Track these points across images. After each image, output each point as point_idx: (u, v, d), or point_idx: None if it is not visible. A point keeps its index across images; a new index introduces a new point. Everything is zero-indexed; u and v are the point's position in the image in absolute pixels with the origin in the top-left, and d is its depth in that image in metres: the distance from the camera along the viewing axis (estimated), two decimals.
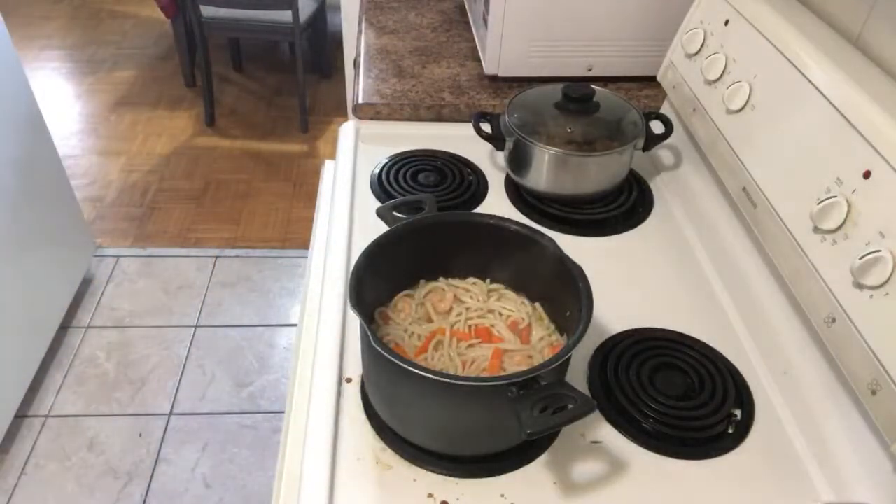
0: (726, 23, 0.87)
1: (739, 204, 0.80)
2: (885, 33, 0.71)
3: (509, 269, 0.75)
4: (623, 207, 0.96)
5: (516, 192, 0.99)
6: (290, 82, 3.30)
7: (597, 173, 0.94)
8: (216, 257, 2.31)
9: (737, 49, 0.84)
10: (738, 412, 0.70)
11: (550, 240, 0.70)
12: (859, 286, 0.59)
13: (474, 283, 0.76)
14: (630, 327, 0.79)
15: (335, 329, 0.76)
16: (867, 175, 0.60)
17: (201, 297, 2.16)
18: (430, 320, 0.72)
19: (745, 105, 0.80)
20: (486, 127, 0.99)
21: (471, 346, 0.69)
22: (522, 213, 0.96)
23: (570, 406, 0.55)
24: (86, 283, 2.15)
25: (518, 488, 0.63)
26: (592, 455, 0.66)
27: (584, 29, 1.12)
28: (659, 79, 1.04)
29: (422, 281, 0.76)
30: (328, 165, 1.16)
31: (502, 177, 1.02)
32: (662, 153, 1.06)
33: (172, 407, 1.83)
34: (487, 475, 0.64)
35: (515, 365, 0.68)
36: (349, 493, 0.62)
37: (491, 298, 0.75)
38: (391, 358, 0.57)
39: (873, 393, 0.57)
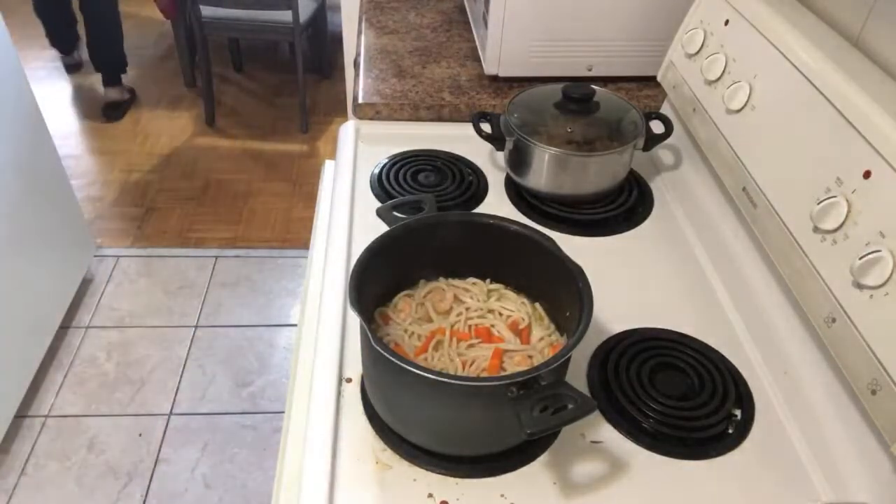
0: (726, 23, 0.87)
1: (739, 204, 0.80)
2: (885, 33, 0.71)
3: (509, 269, 0.75)
4: (623, 207, 0.96)
5: (516, 192, 0.99)
6: (290, 82, 3.30)
7: (597, 173, 0.94)
8: (216, 257, 2.31)
9: (737, 49, 0.84)
10: (738, 412, 0.70)
11: (550, 240, 0.70)
12: (859, 286, 0.59)
13: (474, 283, 0.76)
14: (630, 327, 0.79)
15: (335, 329, 0.76)
16: (867, 175, 0.60)
17: (201, 297, 2.16)
18: (430, 320, 0.72)
19: (745, 105, 0.80)
20: (486, 127, 0.99)
21: (471, 346, 0.69)
22: (522, 213, 0.96)
23: (570, 406, 0.55)
24: (86, 283, 2.15)
25: (518, 488, 0.63)
26: (592, 455, 0.66)
27: (584, 29, 1.12)
28: (659, 79, 1.04)
29: (422, 281, 0.76)
30: (328, 165, 1.16)
31: (502, 177, 1.02)
32: (662, 153, 1.06)
33: (172, 407, 1.83)
34: (487, 475, 0.64)
35: (515, 365, 0.68)
36: (349, 493, 0.62)
37: (491, 298, 0.75)
38: (391, 358, 0.57)
39: (873, 393, 0.57)
